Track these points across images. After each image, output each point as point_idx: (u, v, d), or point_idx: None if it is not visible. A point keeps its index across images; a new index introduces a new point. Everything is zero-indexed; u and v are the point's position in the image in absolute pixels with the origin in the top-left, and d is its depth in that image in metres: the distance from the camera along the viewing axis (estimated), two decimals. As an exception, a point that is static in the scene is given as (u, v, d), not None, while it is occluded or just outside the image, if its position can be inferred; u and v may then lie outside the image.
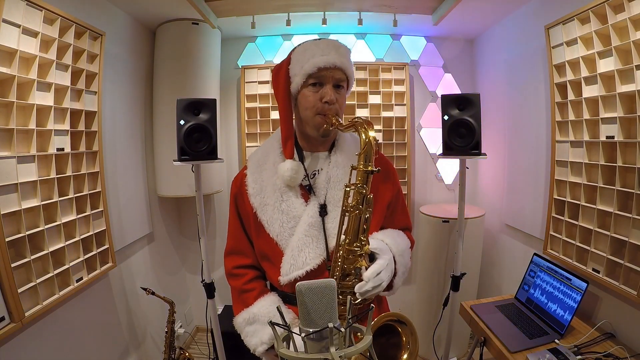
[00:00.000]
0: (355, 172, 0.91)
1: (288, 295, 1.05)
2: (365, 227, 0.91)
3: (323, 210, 1.01)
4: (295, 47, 1.05)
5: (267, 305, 1.02)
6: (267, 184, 1.05)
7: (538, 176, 2.05)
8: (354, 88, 2.64)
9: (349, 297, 0.72)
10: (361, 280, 0.91)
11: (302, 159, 1.08)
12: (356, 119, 0.92)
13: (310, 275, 0.97)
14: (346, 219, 0.93)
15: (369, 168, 0.89)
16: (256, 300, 1.05)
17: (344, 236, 0.93)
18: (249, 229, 1.10)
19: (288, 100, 1.04)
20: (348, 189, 0.92)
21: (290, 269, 0.98)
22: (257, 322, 1.02)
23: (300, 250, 0.98)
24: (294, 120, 1.08)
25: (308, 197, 1.04)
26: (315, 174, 1.08)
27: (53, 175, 1.48)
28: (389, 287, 1.01)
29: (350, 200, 0.92)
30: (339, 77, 1.00)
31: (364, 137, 0.89)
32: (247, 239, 1.13)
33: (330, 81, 0.99)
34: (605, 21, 1.47)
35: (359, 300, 0.91)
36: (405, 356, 0.87)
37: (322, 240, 1.00)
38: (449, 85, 2.77)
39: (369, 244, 0.93)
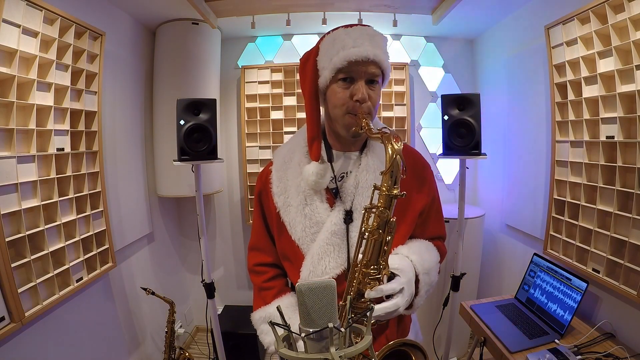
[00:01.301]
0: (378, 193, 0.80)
1: None
2: (385, 248, 0.82)
3: (348, 217, 0.93)
4: (324, 35, 0.92)
5: (284, 307, 0.98)
6: (291, 184, 0.98)
7: (538, 176, 2.05)
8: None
9: (349, 297, 0.72)
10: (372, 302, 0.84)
11: (330, 159, 0.99)
12: (384, 130, 0.81)
13: None
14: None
15: (394, 192, 0.77)
16: (274, 299, 1.03)
17: (361, 255, 0.85)
18: (272, 227, 1.05)
19: (315, 96, 0.94)
20: (366, 212, 0.82)
21: (309, 275, 0.94)
22: None
23: (321, 259, 0.92)
24: (322, 117, 0.99)
25: (333, 202, 0.96)
26: (343, 176, 0.99)
27: (53, 175, 1.48)
28: (409, 306, 0.93)
29: (370, 221, 0.82)
30: (373, 72, 0.87)
31: (390, 152, 0.76)
32: (269, 237, 1.09)
33: (363, 76, 0.87)
34: (605, 21, 1.47)
35: (373, 321, 0.86)
36: None
37: (345, 250, 0.93)
38: (449, 85, 2.77)
39: (388, 267, 0.84)
